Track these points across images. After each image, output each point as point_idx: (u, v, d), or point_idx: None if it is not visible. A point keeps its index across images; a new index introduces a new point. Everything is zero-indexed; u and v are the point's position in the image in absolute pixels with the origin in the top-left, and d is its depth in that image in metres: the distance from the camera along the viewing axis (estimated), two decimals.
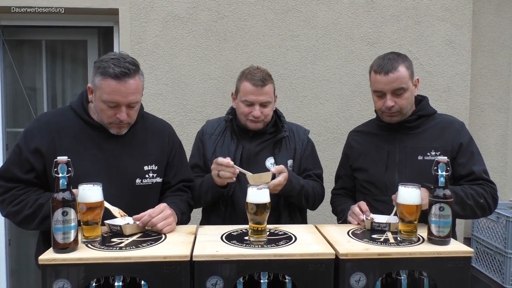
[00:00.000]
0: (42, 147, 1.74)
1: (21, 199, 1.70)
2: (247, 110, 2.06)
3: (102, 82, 1.69)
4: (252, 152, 2.10)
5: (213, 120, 2.28)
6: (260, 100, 2.04)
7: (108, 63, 1.69)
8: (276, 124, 2.17)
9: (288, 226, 1.78)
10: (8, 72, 3.46)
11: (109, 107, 1.72)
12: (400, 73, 1.90)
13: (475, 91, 3.47)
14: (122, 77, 1.68)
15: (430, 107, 2.06)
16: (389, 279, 1.51)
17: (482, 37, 3.49)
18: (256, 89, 2.02)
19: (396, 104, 1.93)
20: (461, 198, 1.81)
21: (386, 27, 3.29)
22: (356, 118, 3.08)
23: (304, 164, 2.17)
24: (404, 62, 1.94)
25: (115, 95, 1.69)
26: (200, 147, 2.19)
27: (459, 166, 1.93)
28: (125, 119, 1.75)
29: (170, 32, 3.19)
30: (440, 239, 1.52)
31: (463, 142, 1.95)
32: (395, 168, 1.97)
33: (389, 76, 1.90)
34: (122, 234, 1.60)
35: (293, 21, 3.24)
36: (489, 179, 1.94)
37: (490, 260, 3.17)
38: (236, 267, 1.40)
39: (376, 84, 1.96)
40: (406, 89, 1.92)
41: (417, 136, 1.99)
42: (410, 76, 1.95)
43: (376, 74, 1.95)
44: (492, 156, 3.51)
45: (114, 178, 1.77)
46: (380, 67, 1.93)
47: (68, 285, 1.34)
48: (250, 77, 2.05)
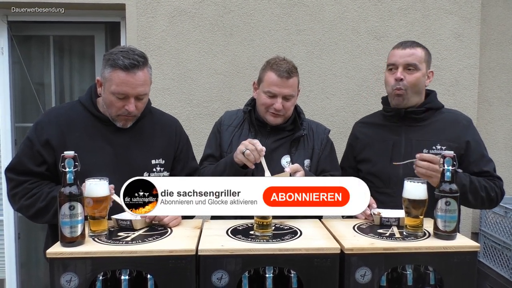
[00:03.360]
0: (52, 140, 1.76)
1: (33, 192, 1.72)
2: (269, 102, 1.99)
3: (111, 74, 1.72)
4: (268, 148, 1.99)
5: (232, 112, 2.22)
6: (284, 92, 1.97)
7: (118, 55, 1.72)
8: (295, 121, 2.09)
9: (293, 221, 1.78)
10: (17, 68, 3.49)
11: (118, 98, 1.74)
12: (417, 51, 1.98)
13: (483, 85, 3.43)
14: (131, 69, 1.70)
15: (438, 101, 2.06)
16: (395, 273, 1.51)
17: (491, 30, 3.45)
18: (281, 80, 1.95)
19: (405, 79, 1.94)
20: (475, 188, 1.88)
21: (393, 20, 3.26)
22: (363, 113, 3.04)
23: (322, 164, 2.09)
24: (424, 49, 2.01)
25: (124, 86, 1.71)
26: (218, 137, 2.13)
27: (471, 164, 1.96)
28: (133, 111, 1.77)
29: (176, 27, 3.19)
30: (446, 234, 1.52)
31: (471, 139, 1.97)
32: (400, 160, 1.96)
33: (405, 50, 1.97)
34: (131, 228, 1.61)
35: (299, 16, 3.23)
36: (498, 175, 1.99)
37: (498, 255, 3.15)
38: (242, 262, 1.41)
39: (391, 57, 2.01)
40: (418, 69, 1.96)
41: (423, 129, 1.99)
42: (426, 61, 1.99)
43: (394, 49, 2.03)
44: (500, 151, 3.48)
45: (122, 171, 1.78)
46: (400, 43, 2.02)
47: (76, 278, 1.36)
48: (275, 67, 1.97)
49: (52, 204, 1.69)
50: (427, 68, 2.01)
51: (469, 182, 1.88)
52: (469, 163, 1.95)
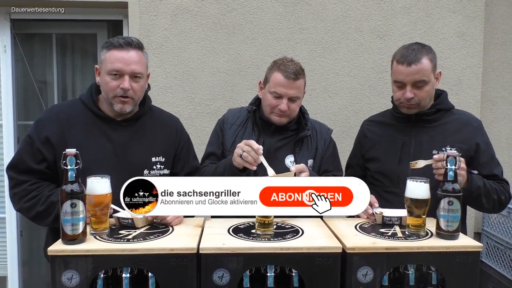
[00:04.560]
0: (52, 138, 1.76)
1: (33, 195, 1.73)
2: (274, 103, 1.97)
3: (106, 55, 1.78)
4: (272, 148, 2.02)
5: (235, 109, 2.20)
6: (290, 94, 1.96)
7: (114, 39, 1.81)
8: (299, 121, 2.09)
9: (295, 220, 1.77)
10: (19, 66, 3.49)
11: (113, 78, 1.77)
12: (423, 65, 1.87)
13: (486, 85, 3.42)
14: (125, 46, 1.78)
15: (448, 102, 2.05)
16: (397, 273, 1.50)
17: (495, 29, 3.43)
18: (287, 81, 1.94)
19: (416, 96, 1.91)
20: (488, 191, 1.88)
21: (396, 19, 3.25)
22: (366, 112, 3.05)
23: (324, 165, 2.09)
24: (428, 54, 1.92)
25: (118, 62, 1.76)
26: (220, 136, 2.12)
27: (481, 166, 1.95)
28: (128, 88, 1.77)
29: (179, 25, 3.18)
30: (448, 234, 1.51)
31: (481, 142, 1.96)
32: (409, 160, 1.95)
33: (411, 68, 1.87)
34: (132, 226, 1.61)
35: (302, 14, 3.22)
36: (505, 179, 2.00)
37: (500, 255, 3.14)
38: (243, 260, 1.41)
39: (398, 75, 1.92)
40: (428, 82, 1.90)
41: (433, 130, 1.98)
42: (433, 69, 1.92)
43: (398, 64, 1.91)
44: (503, 150, 3.46)
45: (122, 168, 1.79)
46: (403, 57, 1.89)
47: (77, 276, 1.36)
48: (283, 68, 1.95)
49: (51, 209, 1.69)
50: (435, 71, 1.94)
51: (483, 184, 1.87)
52: (478, 165, 1.94)
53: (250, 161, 1.79)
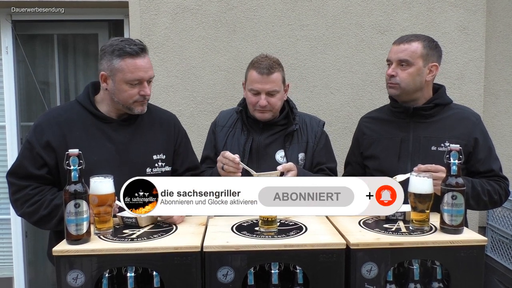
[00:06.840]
0: (53, 141, 1.75)
1: (35, 199, 1.72)
2: (254, 100, 2.02)
3: (122, 63, 1.75)
4: (262, 145, 2.06)
5: (226, 111, 2.24)
6: (266, 88, 1.98)
7: (121, 44, 1.76)
8: (288, 116, 2.11)
9: (298, 217, 1.77)
10: (21, 67, 3.50)
11: (132, 86, 1.77)
12: (412, 46, 1.92)
13: (489, 78, 3.40)
14: (141, 53, 1.77)
15: (446, 96, 2.03)
16: (401, 268, 1.50)
17: (497, 22, 3.41)
18: (261, 77, 1.98)
19: (398, 76, 1.93)
20: (478, 194, 1.85)
21: (397, 14, 3.24)
22: (367, 107, 3.03)
23: (317, 157, 2.10)
24: (424, 42, 1.94)
25: (139, 71, 1.76)
26: (212, 139, 2.17)
27: (478, 162, 1.94)
28: (149, 94, 1.82)
29: (179, 24, 3.18)
30: (453, 228, 1.51)
31: (480, 137, 1.95)
32: (408, 157, 1.95)
33: (399, 46, 1.94)
34: (136, 226, 1.61)
35: (302, 11, 3.21)
36: (504, 175, 1.97)
37: (505, 249, 3.13)
38: (247, 258, 1.41)
39: (389, 53, 2.00)
40: (411, 64, 1.91)
41: (431, 125, 1.97)
42: (422, 56, 1.92)
43: (393, 44, 2.00)
44: (507, 144, 3.45)
45: (125, 168, 1.79)
46: (399, 38, 1.99)
47: (82, 276, 1.37)
48: (256, 65, 2.00)
49: (55, 212, 1.69)
50: (426, 62, 1.92)
51: (471, 188, 1.84)
52: (476, 161, 1.93)
53: (233, 171, 1.85)
